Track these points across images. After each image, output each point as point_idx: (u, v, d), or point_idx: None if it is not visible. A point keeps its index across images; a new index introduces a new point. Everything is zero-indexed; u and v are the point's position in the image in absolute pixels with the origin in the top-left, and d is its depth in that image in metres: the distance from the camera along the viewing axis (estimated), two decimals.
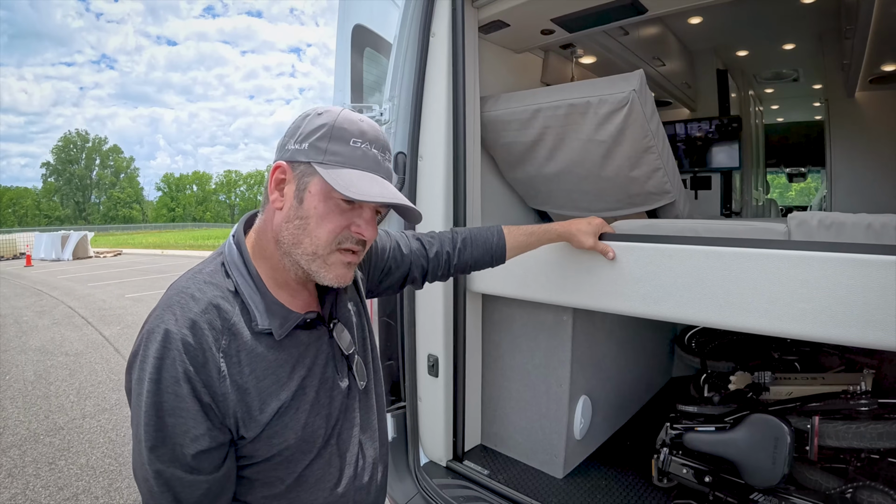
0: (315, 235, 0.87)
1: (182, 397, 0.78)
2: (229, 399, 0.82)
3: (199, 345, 0.80)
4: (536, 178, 2.33)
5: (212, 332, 0.82)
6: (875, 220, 1.34)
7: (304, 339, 0.94)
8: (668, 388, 2.96)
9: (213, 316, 0.83)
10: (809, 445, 1.60)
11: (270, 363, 0.87)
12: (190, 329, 0.80)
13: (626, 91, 1.81)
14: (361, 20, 2.14)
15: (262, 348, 0.86)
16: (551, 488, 1.95)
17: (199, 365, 0.80)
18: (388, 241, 1.28)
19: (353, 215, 0.89)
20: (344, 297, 1.09)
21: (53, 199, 67.82)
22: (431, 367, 2.03)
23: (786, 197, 11.79)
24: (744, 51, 3.81)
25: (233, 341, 0.84)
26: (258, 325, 0.86)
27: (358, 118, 0.90)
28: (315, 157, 0.86)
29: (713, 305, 1.37)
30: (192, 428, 0.79)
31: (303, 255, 0.88)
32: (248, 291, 0.88)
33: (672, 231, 1.67)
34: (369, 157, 0.88)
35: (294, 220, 0.87)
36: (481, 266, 1.44)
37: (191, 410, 0.79)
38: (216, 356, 0.81)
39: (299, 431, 0.91)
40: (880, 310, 1.13)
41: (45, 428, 4.08)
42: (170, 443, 0.79)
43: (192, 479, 0.81)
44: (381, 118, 1.94)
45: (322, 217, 0.87)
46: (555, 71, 2.77)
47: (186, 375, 0.78)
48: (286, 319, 0.89)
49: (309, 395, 0.93)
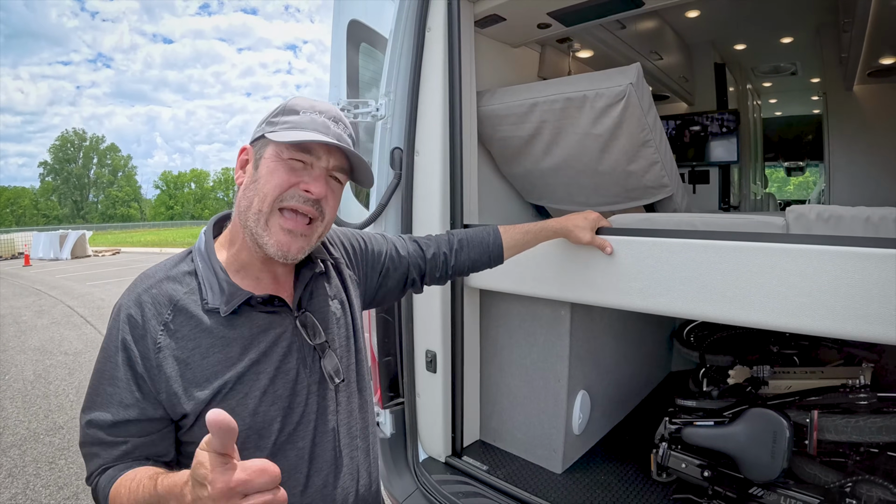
0: (262, 191, 0.91)
1: (118, 365, 0.86)
2: (164, 371, 0.85)
3: (142, 317, 0.86)
4: (533, 173, 2.32)
5: (154, 307, 0.87)
6: (873, 213, 1.33)
7: (261, 322, 0.94)
8: (667, 383, 2.96)
9: (158, 292, 0.89)
10: (808, 439, 1.60)
11: (217, 340, 0.89)
12: (135, 303, 0.88)
13: (622, 85, 1.80)
14: (357, 16, 2.12)
15: (210, 324, 0.89)
16: (550, 483, 1.95)
17: (138, 336, 0.86)
18: (384, 243, 1.29)
19: (302, 174, 0.92)
20: (324, 291, 1.07)
21: (51, 198, 67.69)
22: (430, 363, 2.02)
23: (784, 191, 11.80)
24: (742, 44, 3.80)
25: (178, 315, 0.88)
26: (208, 303, 0.90)
27: (313, 99, 0.97)
28: (268, 129, 0.93)
29: (711, 299, 1.37)
30: (124, 397, 0.85)
31: (251, 218, 0.91)
32: (205, 273, 0.92)
33: (670, 225, 1.66)
34: (317, 122, 0.92)
35: (250, 185, 0.93)
36: (479, 267, 1.44)
37: (123, 379, 0.85)
38: (156, 328, 0.86)
39: (247, 419, 0.89)
40: (879, 303, 1.13)
41: (45, 427, 4.08)
42: (100, 407, 0.86)
43: (111, 440, 0.86)
44: (378, 113, 1.93)
45: (271, 173, 0.91)
46: (552, 65, 2.76)
47: (124, 345, 0.86)
48: (233, 296, 0.91)
49: (262, 381, 0.91)
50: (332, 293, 1.09)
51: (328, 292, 1.08)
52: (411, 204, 1.95)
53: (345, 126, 0.97)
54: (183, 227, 55.37)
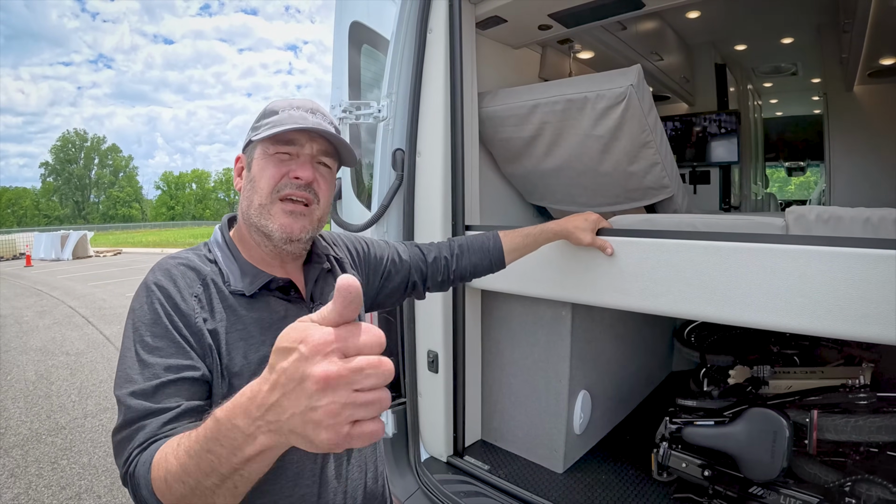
0: (259, 188, 0.96)
1: (159, 337, 0.83)
2: (205, 338, 0.86)
3: (175, 287, 0.88)
4: (534, 174, 2.33)
5: (185, 279, 0.89)
6: (873, 214, 1.34)
7: (279, 309, 0.97)
8: (668, 383, 2.96)
9: (187, 269, 0.91)
10: (808, 439, 1.60)
11: (241, 318, 0.92)
12: (166, 277, 0.89)
13: (623, 86, 1.81)
14: (359, 17, 2.13)
15: (234, 304, 0.92)
16: (551, 483, 1.96)
17: (176, 303, 0.86)
18: (386, 248, 1.32)
19: (291, 164, 0.97)
20: (332, 288, 1.07)
21: (52, 198, 67.68)
22: (431, 363, 2.03)
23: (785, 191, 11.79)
24: (742, 45, 3.81)
25: (206, 290, 0.91)
26: (231, 285, 0.93)
27: (291, 98, 1.03)
28: (253, 134, 0.99)
29: (712, 300, 1.38)
30: (172, 358, 0.82)
31: (254, 213, 0.96)
32: (225, 261, 0.96)
33: (670, 226, 1.67)
34: (295, 117, 0.97)
35: (248, 185, 0.98)
36: (481, 271, 1.46)
37: (171, 348, 0.83)
38: (190, 300, 0.88)
39: None
40: (878, 304, 1.13)
41: (47, 427, 4.09)
42: (144, 376, 0.80)
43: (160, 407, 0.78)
44: (379, 115, 1.94)
45: (262, 170, 0.96)
46: (553, 66, 2.77)
47: (165, 311, 0.85)
48: (256, 277, 0.95)
49: None
50: None
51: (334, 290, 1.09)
52: (413, 205, 1.96)
53: (323, 115, 1.01)
54: (184, 227, 55.37)
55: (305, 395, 0.51)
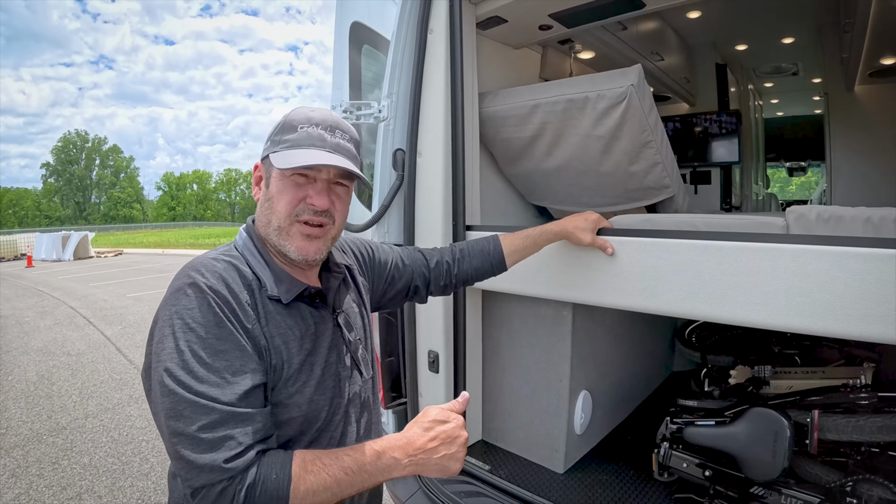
0: (277, 210, 0.97)
1: (224, 339, 0.84)
2: (260, 341, 0.90)
3: (231, 292, 0.89)
4: (535, 174, 2.33)
5: (235, 286, 0.90)
6: (874, 213, 1.33)
7: (309, 317, 1.01)
8: (669, 383, 2.96)
9: (234, 274, 0.92)
10: (809, 439, 1.60)
11: (281, 325, 0.95)
12: (219, 280, 0.89)
13: (624, 86, 1.81)
14: (359, 17, 2.13)
15: (274, 310, 0.95)
16: (552, 483, 1.96)
17: (233, 310, 0.87)
18: (391, 253, 1.37)
19: (307, 189, 0.98)
20: (346, 295, 1.15)
21: (54, 199, 67.73)
22: (432, 364, 2.03)
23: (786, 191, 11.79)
24: (743, 45, 3.80)
25: (252, 296, 0.93)
26: (268, 291, 0.95)
27: (310, 109, 1.02)
28: (272, 148, 0.99)
29: (712, 299, 1.37)
30: (241, 365, 0.85)
31: (273, 233, 0.98)
32: (258, 266, 0.98)
33: (671, 225, 1.66)
34: (313, 136, 0.97)
35: (265, 203, 1.00)
36: (484, 275, 1.48)
37: (235, 351, 0.85)
38: (244, 305, 0.90)
39: (304, 406, 0.96)
40: (879, 303, 1.13)
41: (48, 428, 4.09)
42: (219, 382, 0.82)
43: (244, 412, 0.82)
44: (380, 115, 1.94)
45: (280, 193, 0.97)
46: (553, 66, 2.77)
47: (226, 316, 0.86)
48: (292, 285, 0.98)
49: (316, 371, 0.99)
50: (351, 296, 1.17)
51: (349, 295, 1.16)
52: (414, 205, 1.96)
53: (342, 132, 1.01)
54: (185, 228, 55.44)
55: (456, 446, 0.93)
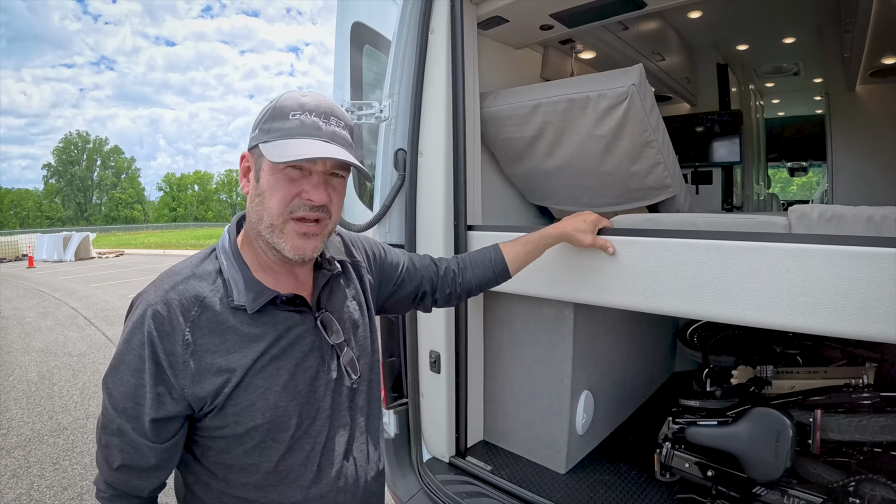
0: (269, 207, 0.92)
1: (144, 359, 0.87)
2: (190, 366, 0.88)
3: (168, 315, 0.88)
4: (536, 174, 2.33)
5: (180, 305, 0.89)
6: (876, 212, 1.33)
7: (284, 321, 0.97)
8: (671, 383, 2.96)
9: (185, 289, 0.91)
10: (812, 439, 1.60)
11: (242, 336, 0.92)
12: (162, 301, 0.89)
13: (625, 85, 1.81)
14: (360, 18, 2.13)
15: (235, 322, 0.92)
16: (554, 483, 1.96)
17: (165, 333, 0.87)
18: (402, 256, 1.35)
19: (302, 183, 0.92)
20: (342, 292, 1.11)
21: (55, 200, 67.72)
22: (433, 364, 2.03)
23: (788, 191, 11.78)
24: (744, 45, 3.80)
25: (204, 313, 0.90)
26: (234, 300, 0.92)
27: (301, 94, 0.94)
28: (261, 138, 0.92)
29: (714, 299, 1.37)
30: (149, 389, 0.87)
31: (265, 230, 0.93)
32: (230, 272, 0.95)
33: (672, 225, 1.66)
34: (307, 125, 0.91)
35: (255, 198, 0.94)
36: (487, 284, 1.46)
37: (150, 372, 0.87)
38: (183, 326, 0.88)
39: (268, 413, 0.93)
40: (881, 302, 1.13)
41: (49, 428, 4.10)
42: (130, 402, 0.88)
43: (143, 442, 0.90)
44: (381, 115, 1.94)
45: (272, 188, 0.92)
46: (554, 66, 2.77)
47: (150, 340, 0.87)
48: (259, 294, 0.94)
49: (282, 376, 0.95)
50: (350, 294, 1.13)
51: (346, 293, 1.12)
52: (415, 205, 1.96)
53: (336, 119, 0.95)
54: (186, 228, 55.46)
55: None
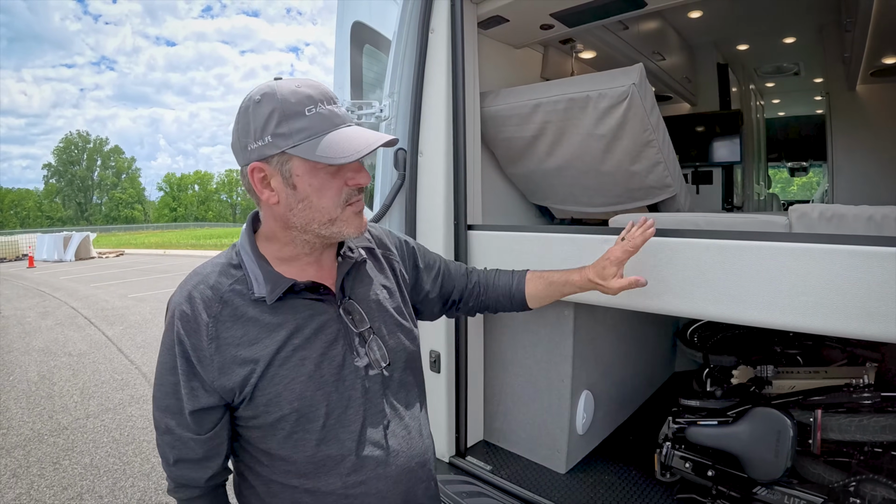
0: (322, 207, 0.93)
1: (176, 357, 0.93)
2: (215, 361, 0.92)
3: (193, 313, 0.93)
4: (537, 173, 2.33)
5: (203, 302, 0.94)
6: (876, 211, 1.33)
7: (306, 310, 0.98)
8: (671, 383, 2.96)
9: (207, 287, 0.95)
10: (812, 439, 1.60)
11: (263, 326, 0.94)
12: (187, 300, 0.94)
13: (625, 85, 1.81)
14: (360, 17, 2.13)
15: (255, 313, 0.95)
16: (554, 483, 1.95)
17: (191, 330, 0.92)
18: (438, 258, 1.33)
19: (344, 172, 0.94)
20: (369, 279, 1.10)
21: (55, 200, 67.68)
22: (433, 364, 2.03)
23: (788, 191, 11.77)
24: (744, 45, 3.80)
25: (226, 307, 0.94)
26: (254, 293, 0.95)
27: (294, 85, 0.90)
28: (283, 143, 0.88)
29: (714, 299, 1.37)
30: (184, 385, 0.93)
31: (321, 227, 0.95)
32: (250, 266, 0.97)
33: (672, 224, 1.66)
34: (326, 116, 0.90)
35: (297, 205, 0.93)
36: (502, 309, 1.41)
37: (182, 368, 0.93)
38: (207, 321, 0.93)
39: (295, 402, 0.94)
40: (882, 302, 1.13)
41: (49, 428, 4.09)
42: (172, 399, 0.95)
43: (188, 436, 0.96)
44: (382, 114, 1.94)
45: (320, 189, 0.92)
46: (554, 66, 2.77)
47: (179, 338, 0.92)
48: (277, 284, 0.95)
49: (307, 366, 0.95)
50: (379, 281, 1.12)
51: (374, 281, 1.11)
52: (415, 204, 1.96)
53: (333, 100, 0.94)
54: (186, 228, 55.46)
55: None
